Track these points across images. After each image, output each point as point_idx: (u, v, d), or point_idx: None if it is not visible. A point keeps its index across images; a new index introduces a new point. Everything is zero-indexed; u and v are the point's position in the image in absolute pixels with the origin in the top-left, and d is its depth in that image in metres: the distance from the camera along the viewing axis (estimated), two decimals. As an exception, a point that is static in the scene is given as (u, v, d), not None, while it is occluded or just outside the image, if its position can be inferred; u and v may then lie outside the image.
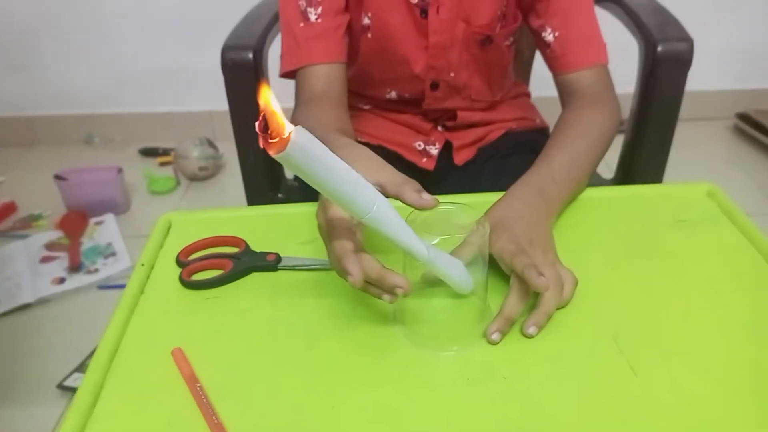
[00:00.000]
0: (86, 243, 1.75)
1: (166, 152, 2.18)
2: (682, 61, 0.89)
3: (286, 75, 0.82)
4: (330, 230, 0.51)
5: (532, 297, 0.54)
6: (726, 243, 0.64)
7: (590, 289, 0.57)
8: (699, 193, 0.71)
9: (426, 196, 0.50)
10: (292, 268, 0.61)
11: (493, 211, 0.61)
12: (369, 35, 0.83)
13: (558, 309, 0.55)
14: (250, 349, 0.53)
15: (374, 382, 0.50)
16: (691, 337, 0.53)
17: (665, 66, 0.90)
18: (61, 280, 1.61)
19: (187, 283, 0.60)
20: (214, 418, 0.46)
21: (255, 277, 0.61)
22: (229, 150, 2.10)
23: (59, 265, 1.67)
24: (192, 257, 0.63)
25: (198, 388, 0.49)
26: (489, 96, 0.91)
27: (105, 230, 1.81)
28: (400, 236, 0.47)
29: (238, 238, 0.64)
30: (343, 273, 0.48)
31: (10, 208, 1.94)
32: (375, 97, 0.92)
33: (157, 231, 0.67)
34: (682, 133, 0.96)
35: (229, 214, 0.70)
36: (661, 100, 0.93)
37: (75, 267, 1.65)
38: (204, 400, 0.48)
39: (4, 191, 2.03)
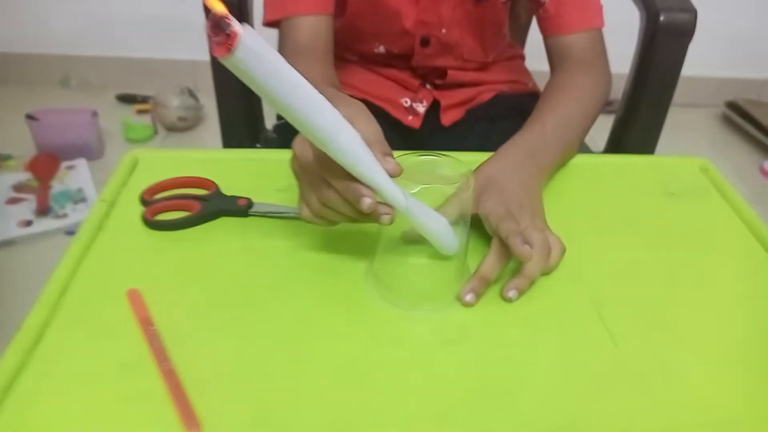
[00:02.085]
0: (56, 187, 1.69)
1: (144, 100, 2.11)
2: (684, 32, 0.86)
3: (270, 24, 0.78)
4: (322, 162, 0.46)
5: (513, 261, 0.51)
6: (716, 218, 0.62)
7: (574, 257, 0.55)
8: (692, 167, 0.68)
9: (390, 160, 0.45)
10: (264, 215, 0.58)
11: (482, 169, 0.58)
12: None
13: (542, 275, 0.52)
14: (212, 295, 0.50)
15: (343, 338, 0.47)
16: (674, 311, 0.51)
17: (666, 36, 0.86)
18: (28, 223, 1.56)
19: (151, 223, 0.56)
20: (166, 363, 0.43)
21: (224, 221, 0.57)
22: (210, 103, 2.02)
23: (27, 208, 1.61)
24: (157, 197, 0.59)
25: (151, 331, 0.45)
26: (481, 56, 0.87)
27: (76, 175, 1.75)
28: (372, 174, 0.43)
29: (209, 179, 0.60)
30: (356, 196, 0.45)
31: (-23, 147, 1.86)
32: (362, 51, 0.87)
33: (122, 167, 0.63)
34: (670, 117, 0.94)
35: (201, 155, 0.66)
36: (659, 72, 0.89)
37: (43, 210, 1.59)
38: (157, 344, 0.44)
39: (-28, 128, 1.95)
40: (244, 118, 0.93)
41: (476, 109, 0.88)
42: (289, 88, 0.38)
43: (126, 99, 2.14)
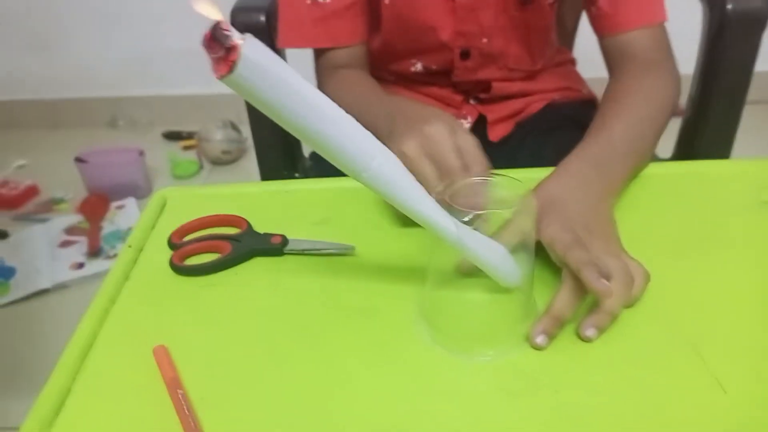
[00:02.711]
0: (107, 227, 1.70)
1: (190, 136, 2.12)
2: (757, 20, 0.77)
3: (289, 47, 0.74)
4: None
5: (588, 295, 0.44)
6: (823, 229, 0.53)
7: (658, 285, 0.46)
8: (785, 170, 0.59)
9: None
10: (301, 253, 0.53)
11: (541, 188, 0.51)
12: (386, 0, 0.73)
13: (624, 308, 0.44)
14: (245, 348, 0.45)
15: (392, 394, 0.40)
16: (789, 345, 0.42)
17: (736, 27, 0.78)
18: (80, 265, 1.57)
19: (179, 269, 0.51)
20: (194, 427, 0.38)
21: (257, 262, 0.52)
22: (251, 134, 2.03)
23: (78, 250, 1.62)
24: (186, 239, 0.55)
25: (180, 395, 0.40)
26: (529, 65, 0.80)
27: (126, 214, 1.76)
28: (416, 205, 0.37)
29: (240, 217, 0.56)
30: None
31: (32, 191, 1.90)
32: (399, 70, 0.82)
33: (149, 209, 0.59)
34: (742, 117, 0.84)
35: (231, 191, 0.61)
36: (731, 68, 0.81)
37: (94, 252, 1.60)
38: (186, 411, 0.39)
39: (26, 174, 2.00)
40: (279, 146, 0.89)
41: (526, 121, 0.81)
42: (306, 108, 0.32)
43: (172, 136, 2.17)
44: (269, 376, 0.42)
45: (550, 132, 0.80)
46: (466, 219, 0.40)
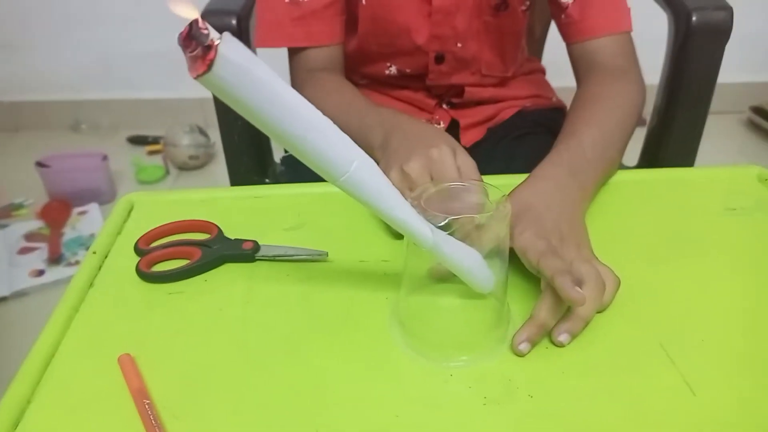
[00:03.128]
0: (68, 233, 1.66)
1: (155, 140, 2.08)
2: (720, 32, 0.79)
3: (266, 46, 0.73)
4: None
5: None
6: (786, 235, 0.54)
7: (628, 290, 0.47)
8: (749, 177, 0.61)
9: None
10: (273, 259, 0.52)
11: (516, 195, 0.51)
12: (363, 1, 0.73)
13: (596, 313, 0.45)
14: (214, 357, 0.43)
15: (367, 401, 0.40)
16: (758, 348, 0.43)
17: (701, 38, 0.80)
18: (40, 273, 1.52)
19: (146, 275, 0.50)
20: (163, 444, 0.37)
21: (228, 268, 0.51)
22: (221, 139, 2.00)
23: (38, 257, 1.57)
24: (153, 245, 0.53)
25: (147, 406, 0.39)
26: (501, 70, 0.81)
27: (88, 220, 1.71)
28: (393, 211, 0.37)
29: (210, 222, 0.54)
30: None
31: (-11, 196, 1.84)
32: (373, 73, 0.82)
33: (115, 214, 0.57)
34: (705, 127, 0.86)
35: (201, 196, 0.60)
36: (695, 78, 0.83)
37: (55, 258, 1.55)
38: (153, 422, 0.38)
39: (-16, 178, 1.93)
40: (250, 151, 0.88)
41: (498, 127, 0.82)
42: (284, 110, 0.32)
43: (137, 141, 2.12)
44: (240, 384, 0.41)
45: (521, 138, 0.81)
46: (441, 224, 0.40)
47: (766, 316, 0.46)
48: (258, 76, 0.30)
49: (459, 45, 0.75)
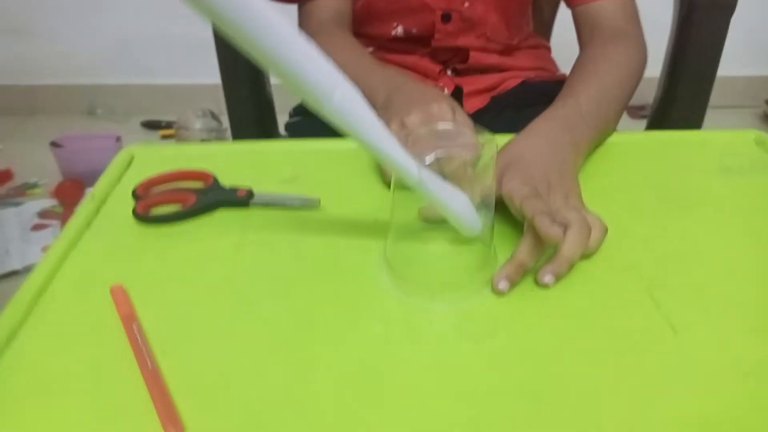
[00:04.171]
0: (80, 212, 1.68)
1: (169, 125, 2.11)
2: (725, 6, 0.79)
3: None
4: None
5: (550, 246, 0.44)
6: (780, 194, 0.54)
7: (619, 240, 0.47)
8: (746, 140, 0.61)
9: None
10: (266, 205, 0.52)
11: (508, 146, 0.52)
12: None
13: (582, 258, 0.45)
14: (204, 292, 0.44)
15: (350, 336, 0.40)
16: (738, 294, 0.43)
17: (705, 10, 0.79)
18: (52, 249, 1.54)
19: (142, 218, 0.51)
20: (149, 362, 0.37)
21: (222, 213, 0.52)
22: (227, 111, 2.03)
23: (51, 233, 1.59)
24: (152, 192, 0.54)
25: (135, 329, 0.40)
26: (506, 37, 0.81)
27: (100, 200, 1.74)
28: (379, 142, 0.37)
29: (206, 172, 0.55)
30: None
31: (5, 176, 1.87)
32: (379, 34, 0.82)
33: (115, 163, 0.58)
34: (708, 121, 0.86)
35: (200, 150, 0.61)
36: (699, 51, 0.82)
37: (67, 236, 1.58)
38: (140, 342, 0.39)
39: (0, 159, 1.96)
40: (254, 118, 0.89)
41: (501, 96, 0.82)
42: (269, 31, 0.32)
43: (151, 125, 2.15)
44: (228, 320, 0.42)
45: (524, 108, 0.80)
46: (428, 161, 0.41)
47: (751, 265, 0.46)
48: None
49: (466, 5, 0.76)
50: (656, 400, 0.35)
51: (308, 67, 0.34)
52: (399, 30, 0.80)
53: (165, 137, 2.08)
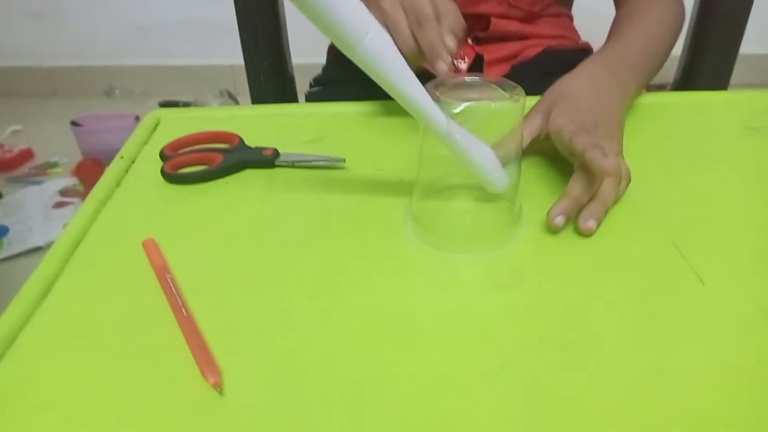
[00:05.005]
0: (101, 191, 1.70)
1: (186, 105, 2.12)
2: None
3: None
4: None
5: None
6: (807, 153, 0.53)
7: (646, 197, 0.47)
8: (773, 101, 0.60)
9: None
10: (292, 165, 0.53)
11: (556, 85, 0.53)
12: None
13: (609, 210, 0.45)
14: (233, 245, 0.45)
15: (376, 285, 0.41)
16: (762, 248, 0.43)
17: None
18: (74, 226, 1.57)
19: (171, 177, 0.52)
20: (183, 310, 0.38)
21: (248, 173, 0.53)
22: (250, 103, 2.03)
23: (72, 211, 1.62)
24: (179, 152, 0.55)
25: (168, 279, 0.41)
26: (528, 2, 0.80)
27: (120, 179, 1.76)
28: (408, 88, 0.38)
29: (232, 133, 0.56)
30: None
31: (26, 155, 1.90)
32: None
33: (142, 126, 0.59)
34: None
35: (226, 113, 0.62)
36: (723, 23, 0.80)
37: (88, 214, 1.60)
38: (174, 291, 0.40)
39: (21, 139, 1.99)
40: (275, 87, 0.89)
41: (523, 65, 0.81)
42: None
43: (168, 106, 2.16)
44: (258, 269, 0.43)
45: (546, 77, 0.79)
46: (457, 110, 0.41)
47: (782, 221, 0.46)
48: None
49: None
50: (684, 348, 0.35)
51: (341, 10, 0.35)
52: None
53: (182, 118, 2.09)
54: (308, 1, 0.34)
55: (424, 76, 0.42)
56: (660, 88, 2.16)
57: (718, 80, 0.83)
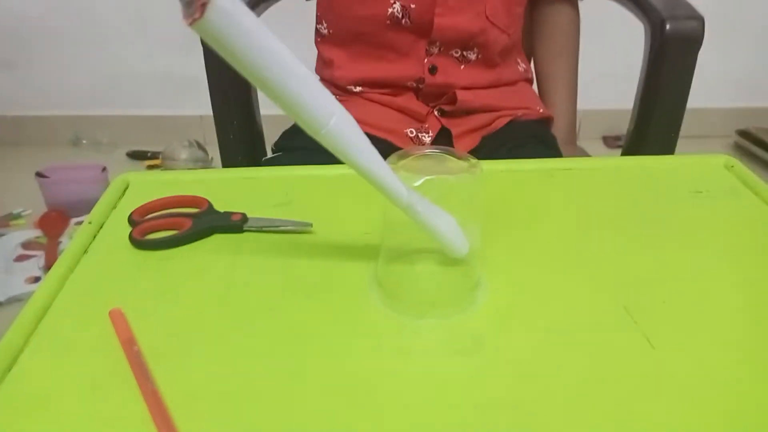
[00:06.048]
0: (65, 243, 1.68)
1: (154, 155, 2.12)
2: (693, 40, 0.83)
3: None
4: None
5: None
6: (748, 215, 0.57)
7: (598, 259, 0.50)
8: (716, 165, 0.64)
9: None
10: (260, 230, 0.54)
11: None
12: None
13: (561, 278, 0.47)
14: (200, 313, 0.46)
15: (341, 350, 0.42)
16: (712, 311, 0.45)
17: (674, 45, 0.84)
18: (36, 279, 1.53)
19: (139, 243, 0.52)
20: (149, 383, 0.39)
21: (216, 238, 0.54)
22: (219, 155, 2.04)
23: (35, 264, 1.59)
24: (147, 217, 0.56)
25: (134, 351, 0.41)
26: (504, 24, 0.82)
27: (85, 230, 1.73)
28: (371, 166, 0.40)
29: (201, 198, 0.57)
30: None
31: (-12, 207, 1.86)
32: (373, 16, 0.79)
33: (111, 190, 0.60)
34: (681, 149, 0.91)
35: (194, 176, 0.63)
36: (670, 84, 0.86)
37: (51, 266, 1.57)
38: (139, 363, 0.40)
39: (-17, 190, 1.96)
40: (244, 144, 0.91)
41: (493, 136, 0.85)
42: (271, 60, 0.35)
43: (136, 156, 2.16)
44: (223, 338, 0.43)
45: (518, 148, 0.83)
46: (417, 183, 0.43)
47: (723, 284, 0.48)
48: (247, 26, 0.33)
49: None
50: (635, 412, 0.37)
51: (307, 95, 0.37)
52: (397, 7, 0.78)
53: (150, 167, 2.09)
54: (276, 90, 0.36)
55: (390, 149, 0.44)
56: (616, 138, 2.26)
57: (667, 137, 0.88)
